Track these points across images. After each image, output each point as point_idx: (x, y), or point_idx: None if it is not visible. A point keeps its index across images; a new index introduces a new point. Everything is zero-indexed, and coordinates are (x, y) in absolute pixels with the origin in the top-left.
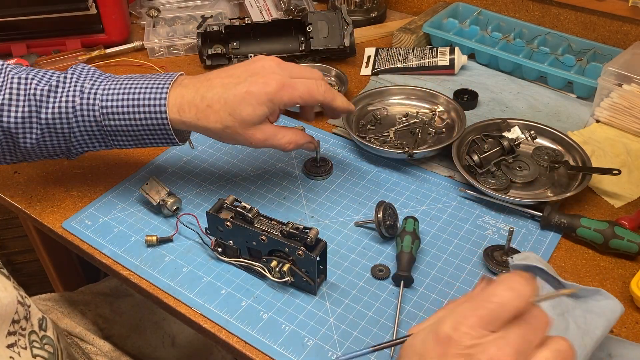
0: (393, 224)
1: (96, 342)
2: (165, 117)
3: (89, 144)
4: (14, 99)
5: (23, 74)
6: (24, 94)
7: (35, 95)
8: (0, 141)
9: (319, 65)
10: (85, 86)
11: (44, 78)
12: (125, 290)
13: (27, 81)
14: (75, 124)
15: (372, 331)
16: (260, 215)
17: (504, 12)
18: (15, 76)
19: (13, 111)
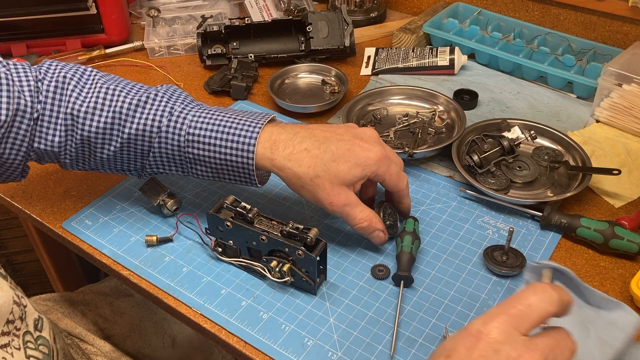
0: (393, 224)
1: (96, 342)
2: (252, 155)
3: (165, 166)
4: (99, 108)
5: (112, 84)
6: (109, 105)
7: (122, 108)
8: (77, 148)
9: (319, 65)
10: (175, 109)
11: (132, 91)
12: (125, 290)
13: (114, 92)
14: (157, 144)
15: (372, 331)
16: (260, 215)
17: (504, 12)
18: (104, 85)
19: (95, 120)
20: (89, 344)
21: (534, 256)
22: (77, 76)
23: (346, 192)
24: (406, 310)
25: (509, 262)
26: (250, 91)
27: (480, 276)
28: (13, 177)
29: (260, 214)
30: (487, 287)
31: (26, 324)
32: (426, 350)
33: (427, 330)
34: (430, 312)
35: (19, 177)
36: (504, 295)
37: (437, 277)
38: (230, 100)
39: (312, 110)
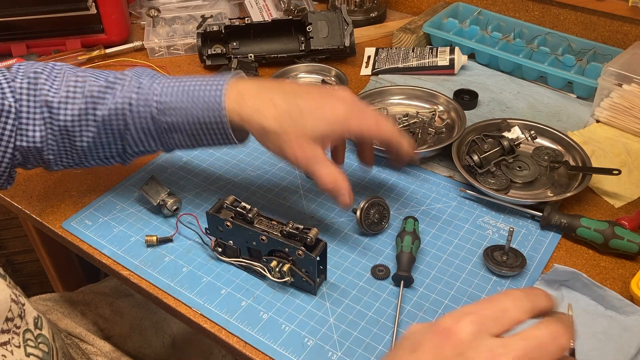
0: (380, 219)
1: (96, 342)
2: (222, 107)
3: (144, 143)
4: (71, 96)
5: (81, 73)
6: (80, 91)
7: (92, 92)
8: (57, 140)
9: (319, 65)
10: (143, 83)
11: (102, 75)
12: (125, 290)
13: (84, 79)
14: (131, 120)
15: (372, 331)
16: (260, 215)
17: (504, 12)
18: (74, 74)
19: (70, 109)
20: (89, 344)
21: (534, 256)
22: (47, 70)
23: (313, 146)
24: (406, 310)
25: (509, 262)
26: None
27: (480, 276)
28: (0, 182)
29: (260, 214)
30: (487, 287)
31: (26, 322)
32: None
33: None
34: (430, 312)
35: (6, 183)
36: None
37: (437, 277)
38: None
39: None
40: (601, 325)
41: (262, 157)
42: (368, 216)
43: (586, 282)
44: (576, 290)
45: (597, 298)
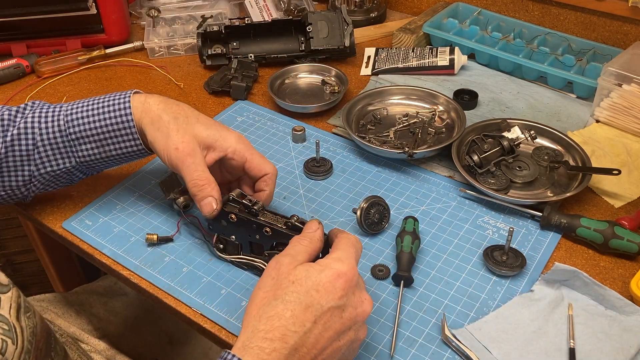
0: (380, 219)
1: (91, 341)
2: (129, 111)
3: (52, 160)
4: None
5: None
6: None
7: (2, 119)
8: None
9: (319, 65)
10: (51, 105)
11: (12, 107)
12: (119, 289)
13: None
14: (39, 137)
15: (372, 331)
16: (264, 210)
17: (504, 12)
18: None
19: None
20: (84, 343)
21: (533, 256)
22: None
23: (196, 146)
24: (406, 310)
25: (508, 262)
26: (250, 91)
27: (480, 276)
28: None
29: (264, 208)
30: (487, 287)
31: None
32: (426, 350)
33: (427, 330)
34: (430, 312)
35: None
36: (504, 295)
37: (437, 277)
38: (230, 100)
39: (312, 110)
40: (601, 325)
41: None
42: (368, 216)
43: (586, 281)
44: (576, 289)
45: (597, 297)
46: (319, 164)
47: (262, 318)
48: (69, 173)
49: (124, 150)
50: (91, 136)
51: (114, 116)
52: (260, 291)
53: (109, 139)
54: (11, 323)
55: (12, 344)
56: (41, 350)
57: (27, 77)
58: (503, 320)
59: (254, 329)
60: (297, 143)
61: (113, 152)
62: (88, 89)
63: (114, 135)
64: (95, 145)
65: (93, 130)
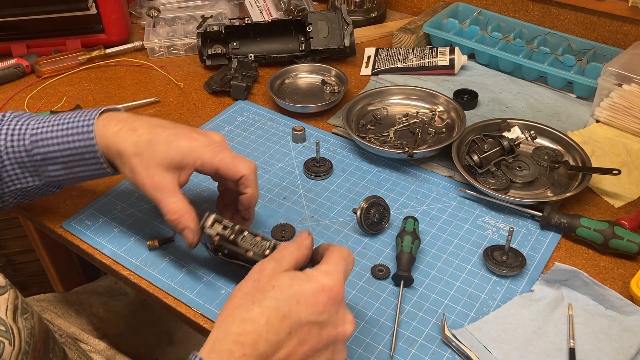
0: (380, 219)
1: (90, 341)
2: (92, 131)
3: (20, 178)
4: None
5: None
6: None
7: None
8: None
9: (319, 65)
10: (20, 121)
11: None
12: (119, 289)
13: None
14: (6, 156)
15: (372, 331)
16: (244, 233)
17: (504, 12)
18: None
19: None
20: (83, 343)
21: (533, 256)
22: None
23: (163, 176)
24: (406, 310)
25: (508, 262)
26: (250, 91)
27: (480, 276)
28: None
29: (242, 231)
30: (487, 287)
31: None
32: (426, 350)
33: (427, 330)
34: (430, 312)
35: None
36: (504, 295)
37: (437, 277)
38: (230, 100)
39: (312, 110)
40: (601, 325)
41: (262, 157)
42: (368, 216)
43: (586, 281)
44: (576, 289)
45: (597, 297)
46: (319, 164)
47: (235, 320)
48: (42, 188)
49: (92, 173)
50: (56, 158)
51: (77, 139)
52: (239, 292)
53: (75, 161)
54: (8, 324)
55: (9, 345)
56: (39, 352)
57: (27, 77)
58: (503, 320)
59: (226, 330)
60: (297, 143)
61: (80, 174)
62: (88, 89)
63: (79, 159)
64: (62, 167)
65: (57, 152)
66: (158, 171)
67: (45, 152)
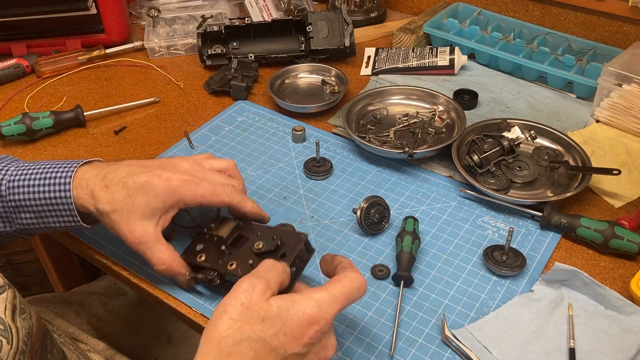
0: (380, 220)
1: (90, 341)
2: (68, 190)
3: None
4: None
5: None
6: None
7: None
8: None
9: (319, 65)
10: (2, 162)
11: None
12: (118, 289)
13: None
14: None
15: (372, 331)
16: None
17: (504, 12)
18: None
19: None
20: (83, 343)
21: (533, 256)
22: None
23: (144, 227)
24: (406, 310)
25: (508, 262)
26: (250, 91)
27: (480, 276)
28: None
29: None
30: (487, 287)
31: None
32: (426, 350)
33: (427, 330)
34: (430, 312)
35: None
36: (504, 295)
37: (437, 277)
38: (230, 100)
39: (312, 110)
40: (601, 325)
41: (262, 157)
42: (368, 216)
43: (586, 281)
44: (576, 289)
45: (597, 297)
46: (319, 164)
47: (223, 352)
48: (12, 234)
49: (64, 225)
50: (30, 207)
51: (53, 190)
52: (226, 315)
53: (48, 212)
54: (7, 323)
55: (7, 344)
56: (36, 352)
57: (27, 77)
58: (503, 320)
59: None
60: (297, 143)
61: (52, 224)
62: (88, 89)
63: (53, 210)
64: (35, 215)
65: (32, 201)
66: (139, 224)
67: (19, 199)
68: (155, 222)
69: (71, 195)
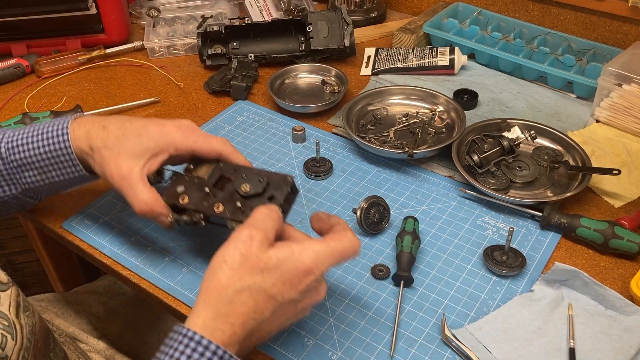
0: (380, 219)
1: (90, 340)
2: (67, 137)
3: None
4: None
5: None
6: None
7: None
8: None
9: (319, 65)
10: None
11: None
12: (118, 289)
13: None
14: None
15: (372, 331)
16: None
17: (504, 12)
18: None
19: None
20: (83, 342)
21: (533, 256)
22: None
23: (131, 165)
24: (406, 310)
25: (508, 262)
26: (250, 91)
27: (480, 276)
28: None
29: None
30: (487, 287)
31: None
32: (426, 350)
33: (427, 330)
34: (430, 312)
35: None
36: (504, 295)
37: (437, 277)
38: (230, 100)
39: (312, 110)
40: (601, 325)
41: (262, 156)
42: (368, 216)
43: (586, 281)
44: (576, 289)
45: (597, 297)
46: (319, 164)
47: (224, 301)
48: (17, 199)
49: (67, 176)
50: (32, 163)
51: (52, 143)
52: (225, 265)
53: (50, 165)
54: (11, 319)
55: (12, 339)
56: (40, 350)
57: (27, 77)
58: (503, 320)
59: (217, 311)
60: (297, 143)
61: (56, 178)
62: (88, 89)
63: (54, 162)
64: (38, 172)
65: (34, 157)
66: (127, 161)
67: (21, 158)
68: (143, 163)
69: (71, 145)
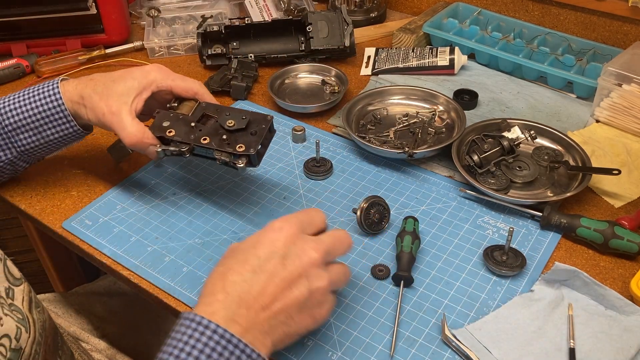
0: (380, 219)
1: (91, 340)
2: (58, 96)
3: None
4: None
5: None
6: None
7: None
8: None
9: (319, 65)
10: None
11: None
12: (118, 289)
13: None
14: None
15: (372, 331)
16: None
17: (504, 12)
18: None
19: None
20: (84, 342)
21: (533, 256)
22: None
23: (119, 104)
24: (406, 310)
25: (508, 262)
26: (250, 91)
27: (480, 276)
28: None
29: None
30: (487, 287)
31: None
32: (426, 350)
33: (427, 330)
34: (430, 312)
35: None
36: (504, 295)
37: (437, 277)
38: (230, 100)
39: (312, 110)
40: (601, 325)
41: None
42: (368, 216)
43: (586, 281)
44: (576, 289)
45: (597, 297)
46: (319, 164)
47: (218, 280)
48: (12, 164)
49: (62, 133)
50: (27, 125)
51: (45, 102)
52: None
53: (45, 125)
54: (24, 313)
55: (26, 332)
56: (49, 346)
57: (27, 77)
58: (503, 320)
59: (212, 289)
60: (297, 143)
61: (51, 137)
62: None
63: (49, 121)
64: (33, 133)
65: (28, 119)
66: (116, 100)
67: (15, 122)
68: (131, 100)
69: (64, 103)
